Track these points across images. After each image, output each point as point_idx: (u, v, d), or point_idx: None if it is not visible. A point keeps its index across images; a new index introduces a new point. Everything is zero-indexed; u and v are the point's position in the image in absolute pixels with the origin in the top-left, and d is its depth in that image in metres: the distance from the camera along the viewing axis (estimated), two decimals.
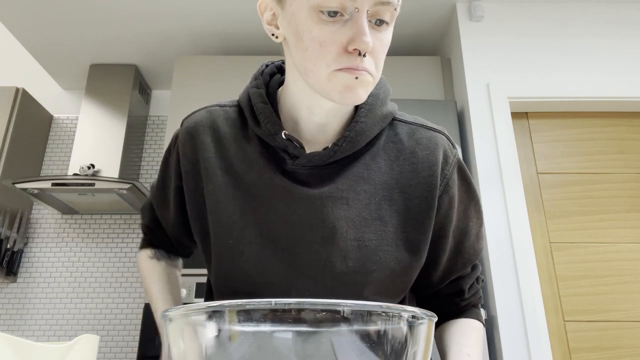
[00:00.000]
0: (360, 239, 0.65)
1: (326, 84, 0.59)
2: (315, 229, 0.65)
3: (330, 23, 0.57)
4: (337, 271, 0.64)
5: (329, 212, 0.65)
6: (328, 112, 0.67)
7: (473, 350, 0.68)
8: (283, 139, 0.67)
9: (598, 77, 2.21)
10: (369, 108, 0.69)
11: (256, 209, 0.67)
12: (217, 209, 0.68)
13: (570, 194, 2.13)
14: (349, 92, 0.59)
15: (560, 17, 2.34)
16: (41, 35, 2.53)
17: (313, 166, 0.67)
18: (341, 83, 0.58)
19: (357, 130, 0.67)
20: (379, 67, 0.61)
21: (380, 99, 0.70)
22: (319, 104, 0.66)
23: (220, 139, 0.72)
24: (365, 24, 0.56)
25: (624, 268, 2.01)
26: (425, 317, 0.35)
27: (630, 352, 1.89)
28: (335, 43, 0.57)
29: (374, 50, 0.59)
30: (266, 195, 0.67)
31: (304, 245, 0.65)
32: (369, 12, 0.57)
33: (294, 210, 0.66)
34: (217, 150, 0.71)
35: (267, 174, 0.67)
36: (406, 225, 0.67)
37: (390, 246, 0.66)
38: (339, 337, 0.32)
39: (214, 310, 0.33)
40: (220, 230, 0.68)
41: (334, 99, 0.60)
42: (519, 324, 1.83)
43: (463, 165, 0.74)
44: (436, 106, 2.16)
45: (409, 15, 2.44)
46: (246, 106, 0.72)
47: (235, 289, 0.68)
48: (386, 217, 0.66)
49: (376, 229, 0.66)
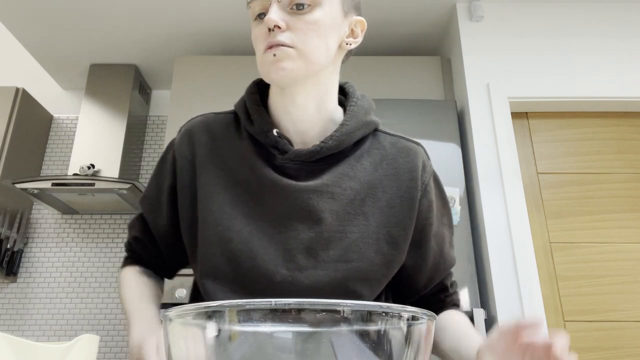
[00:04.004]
0: (343, 232, 0.70)
1: (261, 69, 0.70)
2: (301, 219, 0.70)
3: (260, 23, 0.70)
4: (319, 259, 0.69)
5: (315, 204, 0.70)
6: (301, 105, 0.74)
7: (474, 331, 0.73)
8: (274, 135, 0.73)
9: (598, 77, 2.21)
10: (354, 114, 0.76)
11: (247, 200, 0.72)
12: (208, 198, 0.73)
13: (570, 194, 2.13)
14: (272, 68, 0.68)
15: (560, 17, 2.34)
16: (41, 35, 2.53)
17: (301, 162, 0.72)
18: (266, 64, 0.69)
19: (343, 131, 0.73)
20: (306, 42, 0.68)
21: (365, 109, 0.78)
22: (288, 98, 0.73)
23: (215, 138, 0.78)
24: (273, 7, 0.68)
25: (624, 268, 2.01)
26: (425, 317, 0.35)
27: (630, 352, 1.89)
28: (261, 34, 0.69)
29: (295, 28, 0.68)
30: (257, 188, 0.72)
31: (290, 234, 0.70)
32: (283, 1, 0.68)
33: (283, 201, 0.71)
34: (212, 148, 0.77)
35: (258, 168, 0.72)
36: (388, 221, 0.73)
37: (371, 239, 0.71)
38: (339, 337, 0.32)
39: (214, 310, 0.33)
40: (211, 218, 0.72)
41: (267, 79, 0.70)
42: None
43: (438, 177, 0.82)
44: (436, 106, 2.16)
45: (409, 15, 2.44)
46: (241, 109, 0.78)
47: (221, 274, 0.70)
48: (369, 213, 0.72)
49: (359, 223, 0.71)
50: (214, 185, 0.73)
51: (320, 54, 0.70)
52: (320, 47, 0.69)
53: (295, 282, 0.68)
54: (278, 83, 0.71)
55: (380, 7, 2.38)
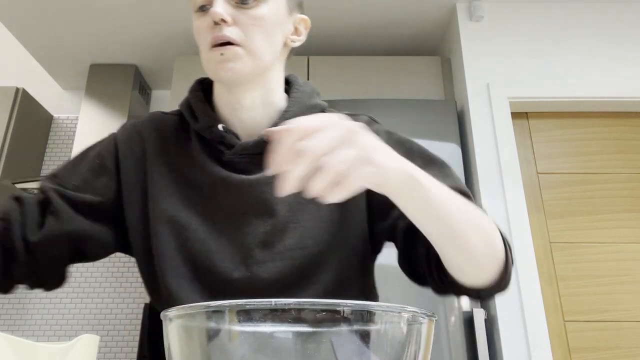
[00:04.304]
0: (297, 221, 0.70)
1: (207, 67, 0.69)
2: (256, 214, 0.70)
3: (202, 15, 0.69)
4: (275, 251, 0.68)
5: (267, 197, 0.69)
6: (248, 107, 0.73)
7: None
8: (219, 130, 0.71)
9: (598, 77, 2.21)
10: (297, 100, 0.76)
11: (200, 200, 0.71)
12: (161, 198, 0.71)
13: (570, 194, 2.13)
14: (219, 67, 0.67)
15: (560, 17, 2.34)
16: (41, 35, 2.53)
17: (250, 155, 0.71)
18: (212, 62, 0.68)
19: (286, 117, 0.71)
20: (252, 39, 0.67)
21: (308, 93, 0.78)
22: (235, 98, 0.72)
23: (164, 138, 0.76)
24: (217, 1, 0.66)
25: (624, 268, 2.01)
26: (425, 317, 0.35)
27: (630, 352, 1.89)
28: (205, 27, 0.68)
29: (240, 23, 0.67)
30: (208, 187, 0.71)
31: (246, 229, 0.69)
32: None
33: (235, 197, 0.70)
34: (162, 148, 0.75)
35: (208, 167, 0.72)
36: (340, 203, 0.69)
37: (325, 222, 0.71)
38: (339, 337, 0.32)
39: (214, 310, 0.33)
40: (165, 218, 0.70)
41: (214, 78, 0.70)
42: (519, 324, 1.83)
43: (393, 133, 0.77)
44: (436, 106, 2.16)
45: (409, 15, 2.44)
46: (185, 107, 0.77)
47: (181, 274, 0.69)
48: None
49: (311, 211, 0.71)
50: (165, 185, 0.72)
51: (267, 51, 0.69)
52: (266, 44, 0.69)
53: (255, 277, 0.68)
54: (226, 83, 0.71)
55: (380, 7, 2.38)
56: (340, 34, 2.57)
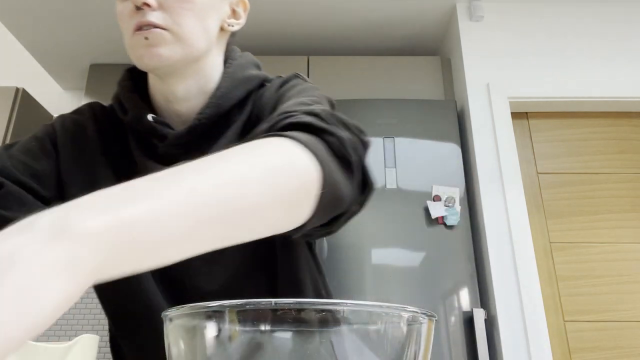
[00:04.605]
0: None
1: (131, 54, 0.61)
2: None
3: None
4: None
5: None
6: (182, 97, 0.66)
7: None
8: (149, 121, 0.65)
9: (598, 77, 2.21)
10: (229, 74, 0.68)
11: None
12: None
13: (570, 194, 2.13)
14: (144, 54, 0.60)
15: (560, 17, 2.34)
16: (41, 35, 2.53)
17: (185, 144, 0.65)
18: (136, 48, 0.60)
19: (218, 95, 0.66)
20: (181, 24, 0.60)
21: (242, 65, 0.71)
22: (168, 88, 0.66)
23: (103, 133, 0.71)
24: None
25: (624, 268, 2.01)
26: (425, 317, 0.35)
27: (630, 352, 1.89)
28: (127, 12, 0.60)
29: (167, 7, 0.59)
30: None
31: None
32: None
33: None
34: (101, 145, 0.70)
35: (142, 162, 0.67)
36: None
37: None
38: (339, 337, 0.32)
39: (214, 310, 0.33)
40: None
41: (140, 66, 0.62)
42: (519, 324, 1.83)
43: (287, 81, 0.68)
44: (436, 106, 2.16)
45: (409, 15, 2.45)
46: (116, 100, 0.71)
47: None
48: None
49: None
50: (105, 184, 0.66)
51: (199, 37, 0.62)
52: (197, 29, 0.62)
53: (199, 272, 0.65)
54: (153, 70, 0.64)
55: (380, 7, 2.38)
56: (340, 34, 2.57)
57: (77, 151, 0.68)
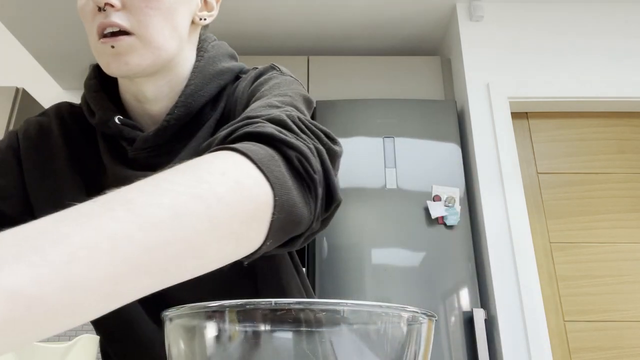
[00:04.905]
0: None
1: (97, 58, 0.57)
2: None
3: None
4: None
5: None
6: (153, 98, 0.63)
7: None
8: (117, 124, 0.61)
9: (598, 77, 2.21)
10: (200, 69, 0.64)
11: None
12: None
13: (570, 194, 2.13)
14: (112, 62, 0.55)
15: (560, 17, 2.34)
16: (41, 35, 2.53)
17: (155, 147, 0.61)
18: (103, 55, 0.56)
19: (187, 94, 0.62)
20: (147, 25, 0.55)
21: (213, 57, 0.66)
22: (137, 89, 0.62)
23: (71, 137, 0.67)
24: None
25: (624, 268, 2.01)
26: (425, 317, 0.35)
27: (630, 352, 1.89)
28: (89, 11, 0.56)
29: (131, 7, 0.55)
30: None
31: None
32: None
33: None
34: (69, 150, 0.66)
35: (112, 169, 0.62)
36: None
37: None
38: (339, 337, 0.32)
39: (214, 310, 0.33)
40: None
41: (107, 72, 0.57)
42: (519, 324, 1.83)
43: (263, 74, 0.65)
44: (436, 106, 2.16)
45: (409, 15, 2.45)
46: (83, 101, 0.67)
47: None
48: None
49: None
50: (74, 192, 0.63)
51: (168, 39, 0.58)
52: (166, 30, 0.57)
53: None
54: (121, 77, 0.59)
55: (380, 7, 2.38)
56: (340, 34, 2.57)
57: (42, 160, 0.64)
